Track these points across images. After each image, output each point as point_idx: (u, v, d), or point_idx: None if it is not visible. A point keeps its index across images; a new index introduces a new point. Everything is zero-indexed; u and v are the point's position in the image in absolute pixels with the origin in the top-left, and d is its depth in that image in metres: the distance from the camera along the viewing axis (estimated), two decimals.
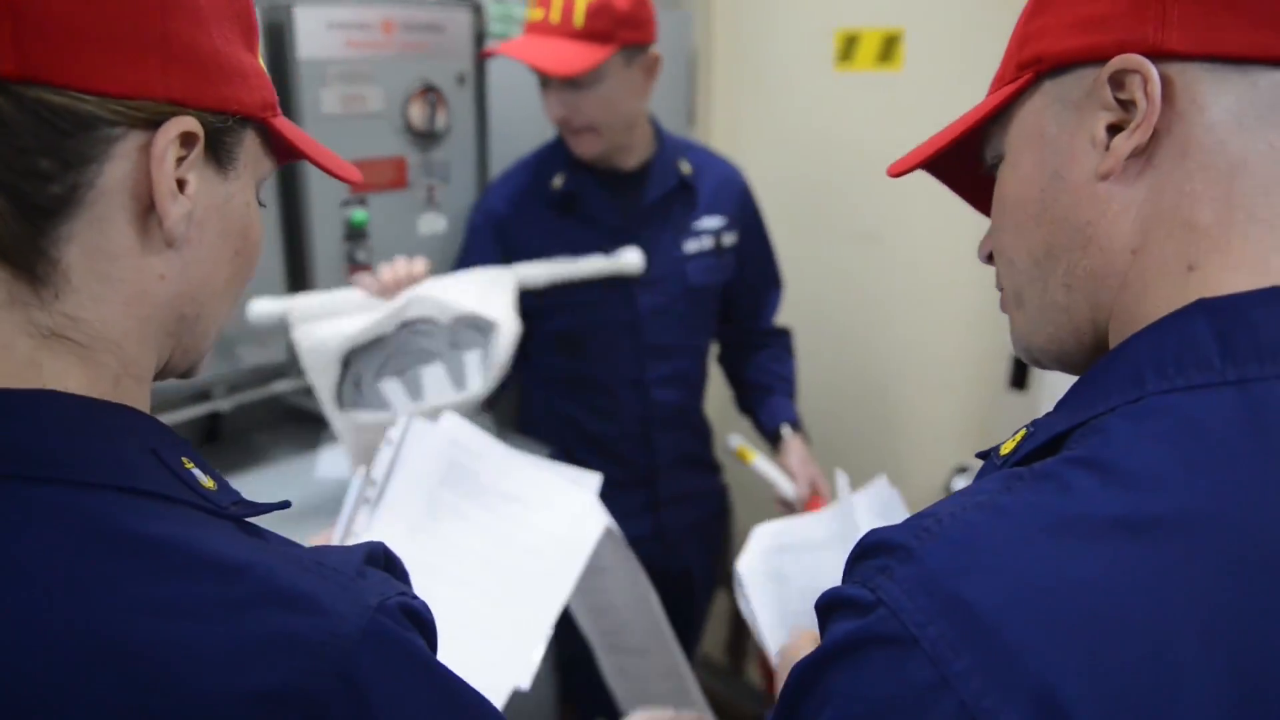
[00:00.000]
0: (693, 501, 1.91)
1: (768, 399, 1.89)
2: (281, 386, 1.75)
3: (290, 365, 1.68)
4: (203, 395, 1.68)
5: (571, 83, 1.56)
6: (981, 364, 1.99)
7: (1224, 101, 0.54)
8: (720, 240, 1.80)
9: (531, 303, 1.66)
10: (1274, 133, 0.54)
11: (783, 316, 2.32)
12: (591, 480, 1.26)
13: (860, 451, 2.22)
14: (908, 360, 2.12)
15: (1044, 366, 0.67)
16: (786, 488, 1.72)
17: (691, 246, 1.76)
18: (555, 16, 1.52)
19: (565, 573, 1.11)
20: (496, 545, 1.13)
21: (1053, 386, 1.83)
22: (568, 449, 1.77)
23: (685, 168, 1.75)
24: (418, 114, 1.68)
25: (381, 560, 0.60)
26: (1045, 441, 0.56)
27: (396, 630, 0.54)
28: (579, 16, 1.51)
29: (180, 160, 0.56)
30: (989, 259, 0.70)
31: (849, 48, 2.05)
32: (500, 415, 1.97)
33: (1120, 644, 0.45)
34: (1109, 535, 0.47)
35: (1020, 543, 0.48)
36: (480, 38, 1.77)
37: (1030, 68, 0.62)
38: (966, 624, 0.46)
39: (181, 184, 0.56)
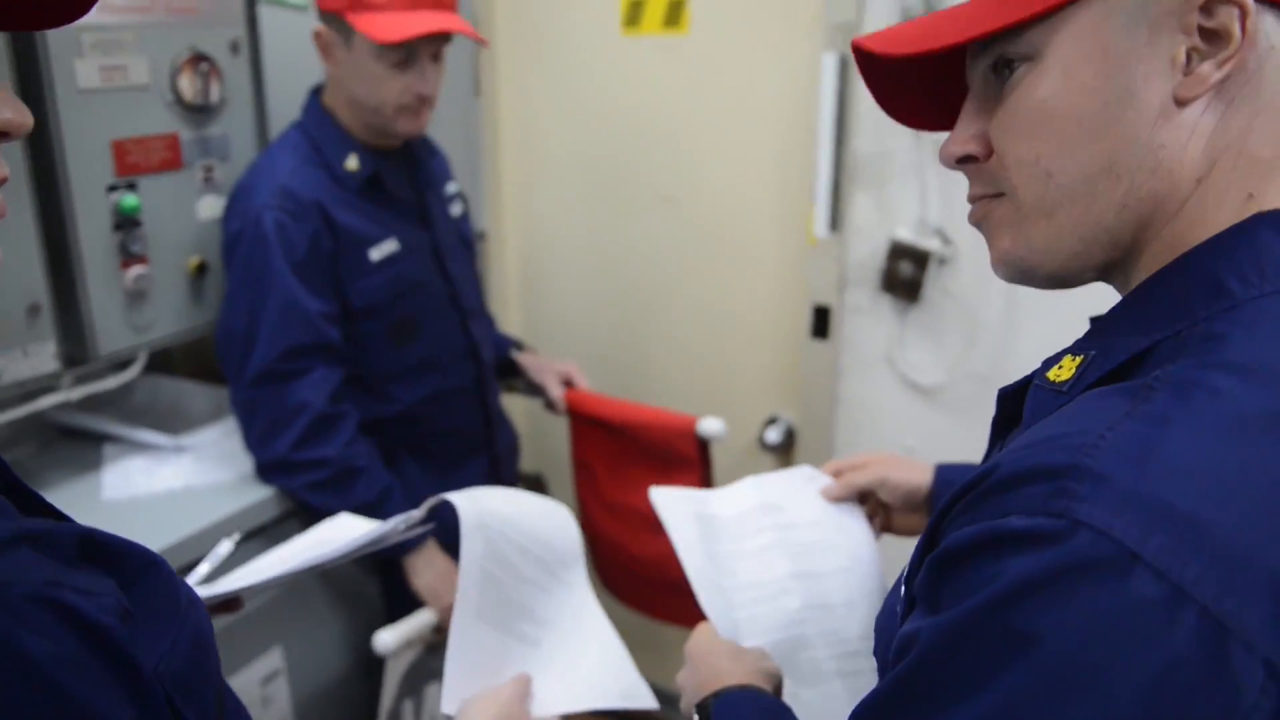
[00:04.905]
0: (512, 450, 1.96)
1: None
2: (49, 402, 1.54)
3: (59, 378, 1.48)
4: None
5: (437, 56, 1.56)
6: (783, 317, 2.06)
7: None
8: (462, 201, 1.85)
9: (365, 299, 1.59)
10: None
11: (587, 282, 2.31)
12: None
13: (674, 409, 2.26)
14: (712, 318, 2.16)
15: (1029, 282, 0.65)
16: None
17: (455, 210, 1.81)
18: None
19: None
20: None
21: (851, 335, 1.93)
22: (415, 444, 1.71)
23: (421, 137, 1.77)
24: (188, 86, 1.51)
25: (66, 545, 0.51)
26: (1126, 360, 0.57)
27: None
28: None
29: None
30: (962, 160, 0.66)
31: (635, 12, 2.04)
32: None
33: None
34: (1274, 428, 0.49)
35: (1206, 446, 0.48)
36: (253, 1, 1.61)
37: None
38: (1185, 531, 0.46)
39: None
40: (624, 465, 1.83)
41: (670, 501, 1.08)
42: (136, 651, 0.49)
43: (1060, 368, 0.62)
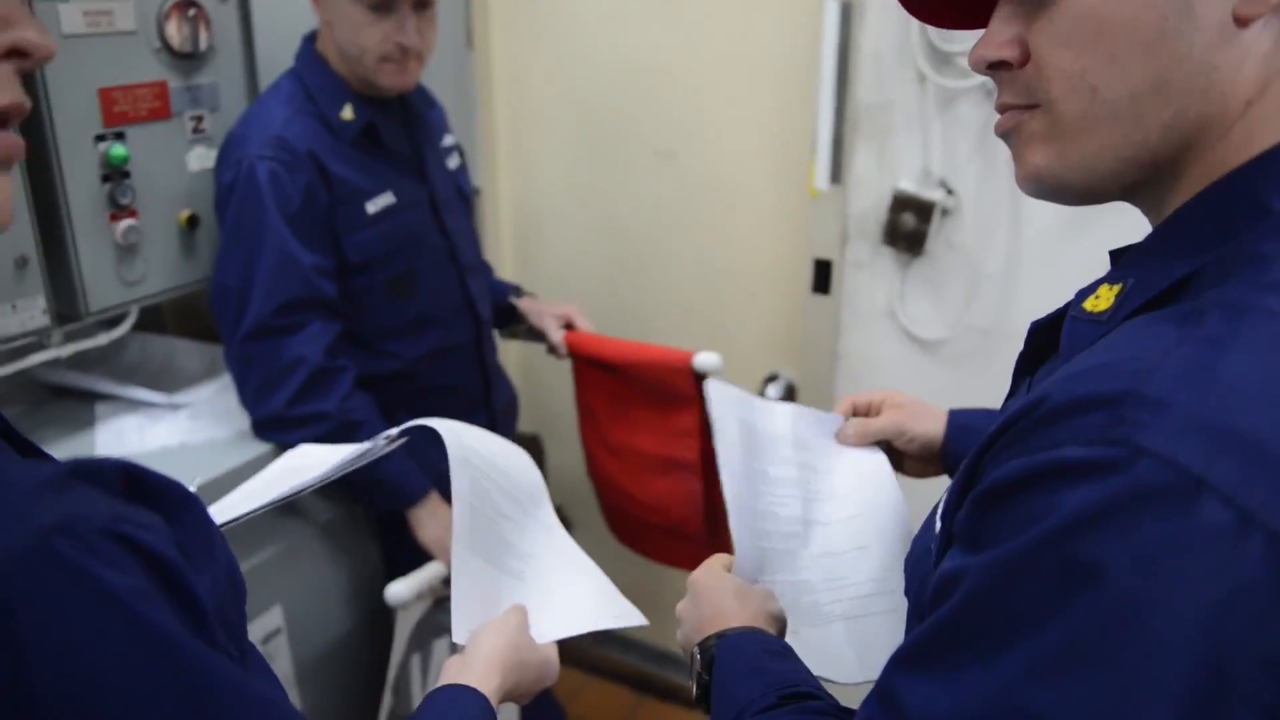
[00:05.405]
0: (511, 408, 1.94)
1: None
2: (39, 359, 1.50)
3: (48, 335, 1.45)
4: None
5: (423, 5, 1.50)
6: (783, 272, 2.04)
7: None
8: (460, 153, 1.81)
9: (362, 253, 1.56)
10: None
11: (583, 239, 2.28)
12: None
13: None
14: (711, 274, 2.14)
15: (1057, 199, 0.62)
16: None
17: (452, 163, 1.77)
18: None
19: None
20: None
21: (853, 290, 1.90)
22: (410, 401, 1.68)
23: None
24: (176, 32, 1.47)
25: (112, 480, 0.51)
26: (1168, 286, 0.55)
27: (73, 556, 0.46)
28: None
29: None
30: (994, 66, 0.61)
31: None
32: None
33: None
34: None
35: (1265, 368, 0.47)
36: None
37: None
38: (1251, 454, 0.45)
39: None
40: (625, 407, 1.81)
41: (723, 398, 1.04)
42: (194, 584, 0.50)
43: (1097, 298, 0.60)
